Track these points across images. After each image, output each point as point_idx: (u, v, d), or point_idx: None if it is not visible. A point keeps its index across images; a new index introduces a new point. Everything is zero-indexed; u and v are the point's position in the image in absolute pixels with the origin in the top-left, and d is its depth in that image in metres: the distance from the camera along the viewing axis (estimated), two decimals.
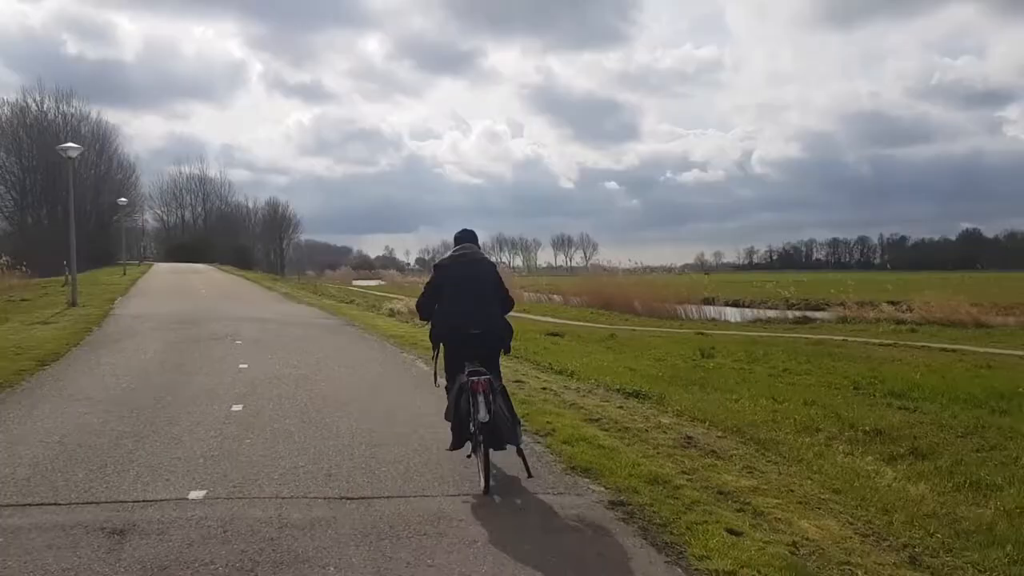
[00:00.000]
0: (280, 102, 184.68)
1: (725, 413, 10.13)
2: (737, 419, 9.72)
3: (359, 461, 6.72)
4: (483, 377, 5.99)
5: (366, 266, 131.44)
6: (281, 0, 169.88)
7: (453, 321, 6.43)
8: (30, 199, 77.87)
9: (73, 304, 22.49)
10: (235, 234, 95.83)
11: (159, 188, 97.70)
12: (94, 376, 10.79)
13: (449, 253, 6.84)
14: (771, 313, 33.77)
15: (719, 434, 8.83)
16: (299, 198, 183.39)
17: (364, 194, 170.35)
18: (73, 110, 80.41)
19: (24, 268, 38.51)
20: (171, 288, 33.09)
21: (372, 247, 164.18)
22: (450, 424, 6.29)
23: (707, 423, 9.32)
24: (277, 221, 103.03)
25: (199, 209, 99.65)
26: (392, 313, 21.90)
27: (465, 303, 6.40)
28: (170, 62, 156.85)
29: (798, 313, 31.65)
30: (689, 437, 8.40)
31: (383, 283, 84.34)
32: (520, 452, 6.11)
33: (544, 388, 10.73)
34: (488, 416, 5.81)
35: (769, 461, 7.85)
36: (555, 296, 46.16)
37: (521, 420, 6.87)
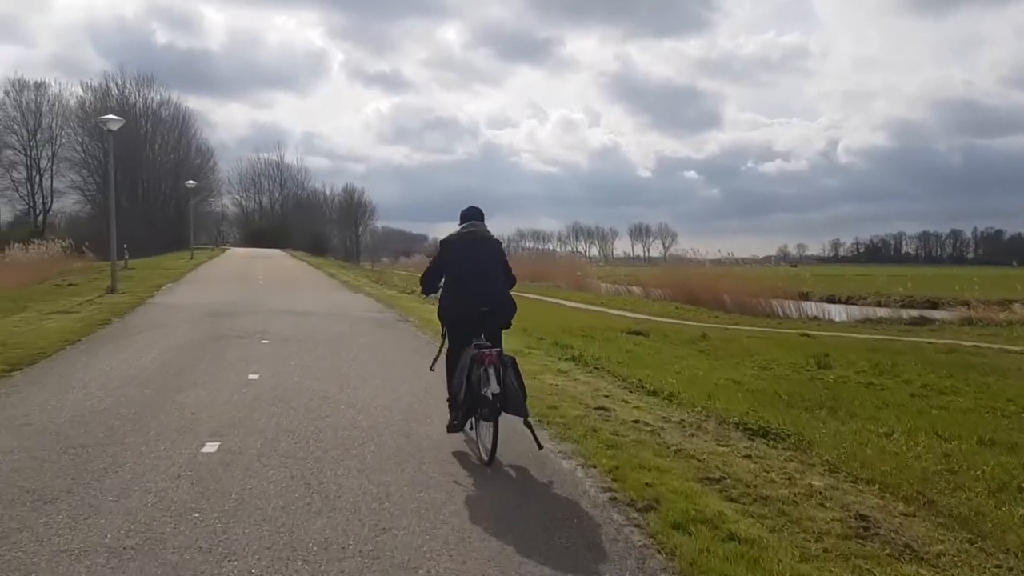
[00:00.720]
0: (360, 91, 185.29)
1: (883, 459, 7.21)
2: (905, 471, 6.80)
3: None
4: (494, 349, 6.02)
5: None
6: None
7: (464, 300, 6.39)
8: (107, 184, 78.35)
9: (111, 291, 20.65)
10: (311, 220, 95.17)
11: (238, 174, 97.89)
12: (60, 390, 8.42)
13: (456, 230, 6.73)
14: (881, 312, 30.11)
15: (902, 508, 5.91)
16: (377, 186, 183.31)
17: (441, 182, 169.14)
18: (154, 95, 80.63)
19: (85, 250, 37.43)
20: (229, 275, 31.30)
21: (445, 234, 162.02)
22: (448, 401, 6.50)
23: (876, 485, 6.40)
24: (353, 208, 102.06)
25: (276, 195, 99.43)
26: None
27: (474, 281, 6.38)
28: (254, 52, 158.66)
29: (914, 312, 27.91)
30: (862, 517, 5.51)
31: None
32: (528, 424, 6.05)
33: (636, 421, 7.92)
34: (500, 388, 5.84)
35: (1000, 567, 4.91)
36: (634, 288, 43.00)
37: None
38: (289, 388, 8.70)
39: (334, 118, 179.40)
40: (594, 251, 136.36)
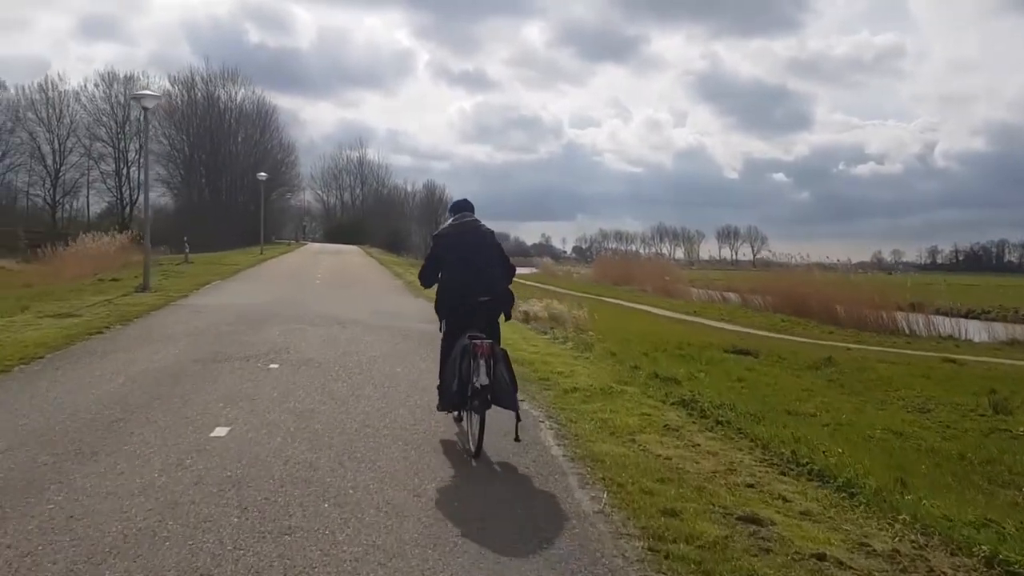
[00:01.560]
0: (444, 90, 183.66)
1: None
2: None
3: None
4: (486, 341, 5.92)
5: (521, 252, 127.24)
6: None
7: (459, 290, 6.34)
8: (195, 176, 78.09)
9: (143, 288, 18.18)
10: (391, 217, 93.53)
11: (321, 170, 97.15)
12: None
13: (448, 222, 6.76)
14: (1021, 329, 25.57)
15: None
16: (459, 184, 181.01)
17: (523, 181, 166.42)
18: (239, 89, 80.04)
19: (142, 241, 35.58)
20: (288, 271, 28.82)
21: (529, 234, 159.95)
22: (438, 386, 6.52)
23: None
24: (433, 205, 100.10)
25: (357, 191, 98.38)
26: (528, 318, 16.12)
27: (468, 272, 6.31)
28: (342, 51, 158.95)
29: None
30: None
31: (536, 271, 79.23)
32: (517, 417, 6.00)
33: (820, 556, 4.50)
34: (488, 380, 5.76)
35: None
36: (729, 294, 38.96)
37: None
38: (259, 460, 5.59)
39: (418, 116, 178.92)
40: (679, 253, 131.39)
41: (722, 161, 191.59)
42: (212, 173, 76.25)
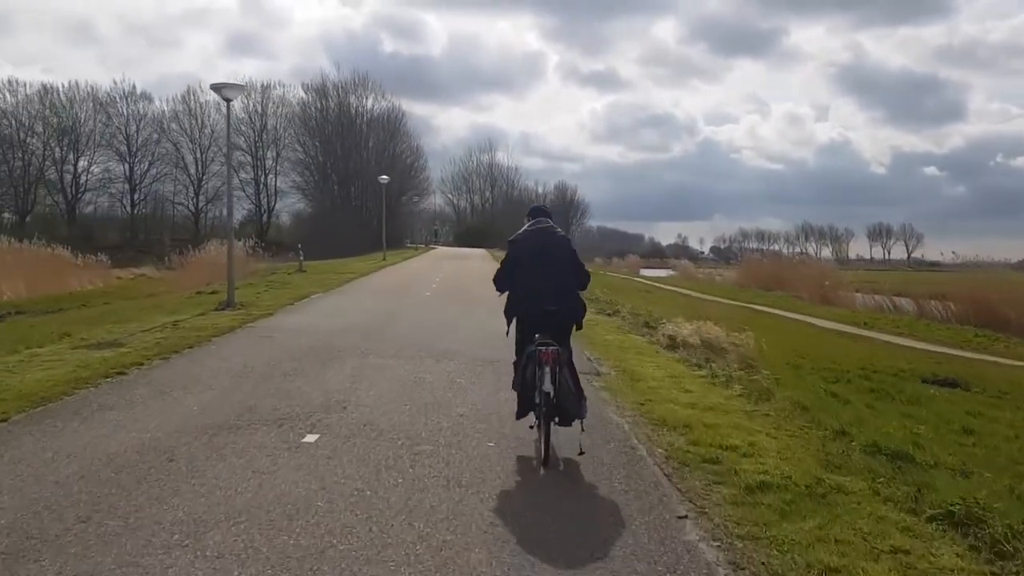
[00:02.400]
0: (574, 91, 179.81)
1: None
2: None
3: None
4: (551, 348, 5.82)
5: (657, 254, 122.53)
6: None
7: (529, 297, 6.23)
8: (328, 182, 78.26)
9: (226, 305, 15.83)
10: (521, 219, 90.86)
11: (451, 173, 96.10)
12: None
13: (523, 228, 6.58)
14: None
15: None
16: (591, 185, 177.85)
17: (657, 181, 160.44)
18: (369, 95, 79.71)
19: (260, 251, 34.21)
20: (399, 282, 26.16)
21: (665, 235, 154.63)
22: (516, 393, 6.25)
23: None
24: (565, 206, 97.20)
25: (487, 194, 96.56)
26: (674, 344, 12.58)
27: (540, 278, 6.20)
28: (473, 57, 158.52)
29: None
30: None
31: (674, 273, 74.63)
32: (582, 426, 5.95)
33: None
34: (552, 388, 5.69)
35: None
36: (899, 300, 33.68)
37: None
38: None
39: (549, 118, 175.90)
40: (825, 253, 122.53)
41: (868, 156, 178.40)
42: (343, 179, 76.13)
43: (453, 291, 22.00)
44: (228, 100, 15.66)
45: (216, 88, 15.52)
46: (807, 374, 12.33)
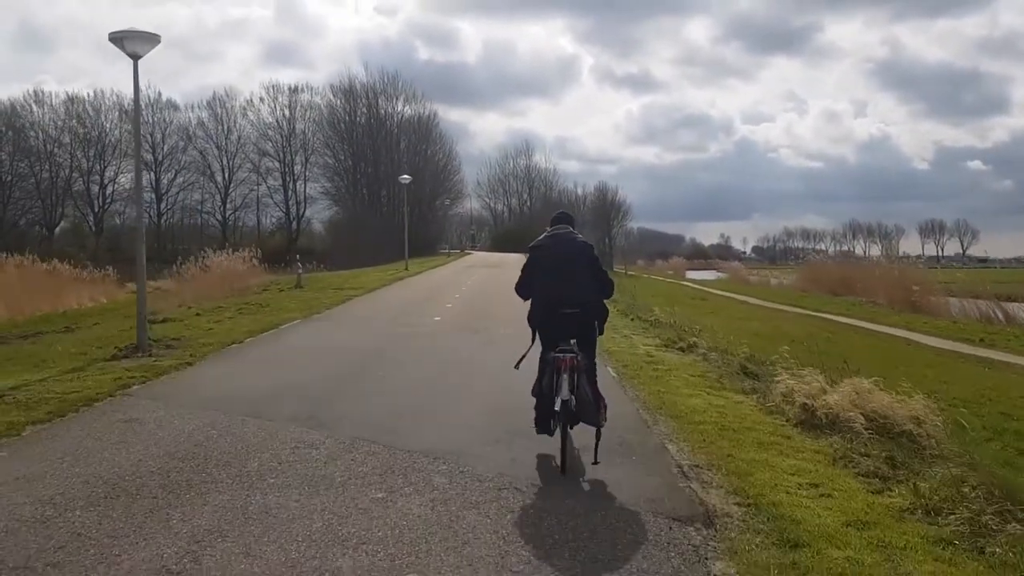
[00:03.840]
0: (609, 93, 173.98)
1: None
2: None
3: None
4: (569, 355, 5.69)
5: (700, 255, 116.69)
6: None
7: (549, 301, 6.11)
8: (358, 187, 73.81)
9: (135, 350, 10.86)
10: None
11: (487, 176, 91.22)
12: None
13: (544, 234, 6.47)
14: None
15: None
16: (628, 186, 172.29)
17: (694, 181, 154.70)
18: (400, 96, 75.07)
19: (259, 262, 29.40)
20: (411, 300, 21.04)
21: (705, 235, 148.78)
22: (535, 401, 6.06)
23: None
24: (606, 207, 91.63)
25: (524, 196, 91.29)
26: (813, 417, 7.28)
27: (559, 283, 6.08)
28: (507, 62, 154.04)
29: None
30: None
31: (722, 275, 68.63)
32: (598, 435, 5.76)
33: None
34: (570, 395, 5.59)
35: None
36: (1009, 306, 27.69)
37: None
38: None
39: (584, 121, 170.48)
40: (875, 251, 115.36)
41: (909, 151, 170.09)
42: (373, 184, 71.53)
43: (472, 315, 16.76)
44: (135, 58, 10.76)
45: (117, 40, 10.62)
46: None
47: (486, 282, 28.07)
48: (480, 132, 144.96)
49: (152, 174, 73.20)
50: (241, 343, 12.26)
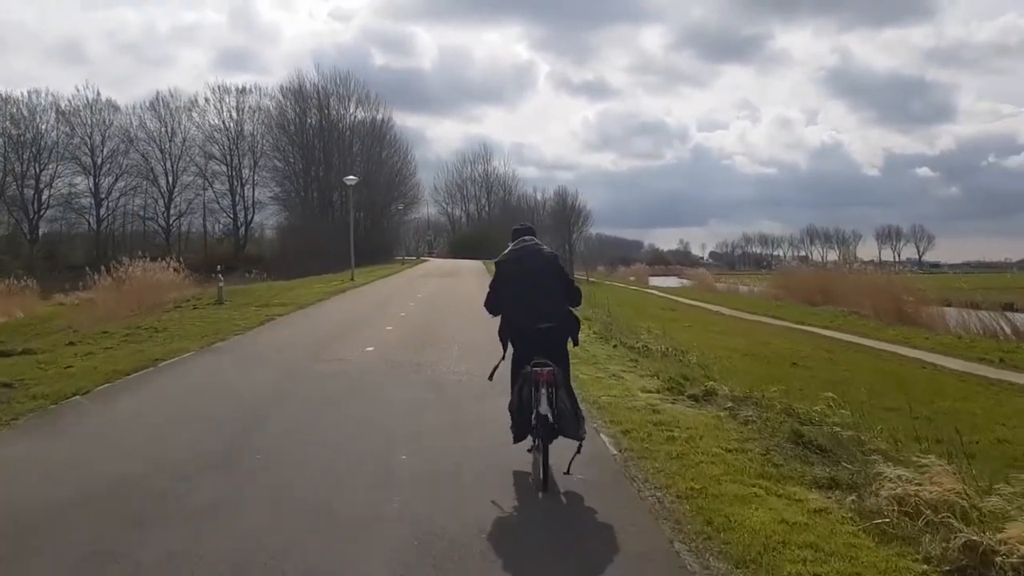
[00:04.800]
0: (566, 100, 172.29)
1: None
2: None
3: None
4: (546, 369, 5.52)
5: (660, 261, 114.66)
6: (563, 1, 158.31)
7: (521, 316, 5.94)
8: (309, 191, 69.70)
9: None
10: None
11: (444, 181, 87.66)
12: None
13: (509, 248, 6.26)
14: None
15: None
16: (586, 192, 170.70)
17: (651, 188, 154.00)
18: (352, 98, 71.11)
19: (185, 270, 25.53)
20: (341, 321, 17.17)
21: (663, 241, 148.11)
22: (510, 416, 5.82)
23: None
24: (566, 213, 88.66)
25: (483, 201, 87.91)
26: (907, 510, 4.24)
27: (530, 297, 5.93)
28: (463, 69, 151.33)
29: None
30: None
31: (687, 283, 65.90)
32: (579, 448, 5.63)
33: None
34: (549, 409, 5.44)
35: None
36: (1018, 316, 24.97)
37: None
38: None
39: (542, 128, 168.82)
40: (832, 256, 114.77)
41: (860, 158, 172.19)
42: (325, 188, 67.43)
43: (417, 342, 13.19)
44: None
45: None
46: None
47: (438, 296, 24.44)
48: (437, 139, 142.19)
49: (91, 178, 68.42)
50: (88, 392, 8.67)
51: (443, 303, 21.18)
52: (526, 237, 6.24)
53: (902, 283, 30.16)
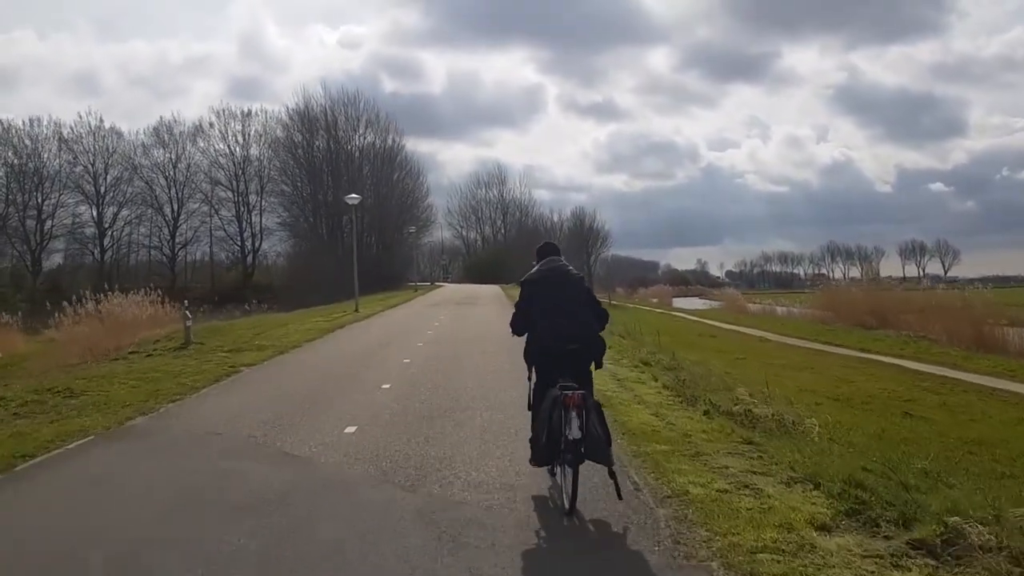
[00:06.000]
0: (575, 122, 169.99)
1: None
2: None
3: None
4: (577, 392, 5.31)
5: (680, 281, 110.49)
6: (567, 23, 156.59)
7: (548, 338, 5.74)
8: (317, 216, 66.16)
9: None
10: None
11: (458, 204, 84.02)
12: None
13: (535, 268, 6.14)
14: None
15: None
16: (599, 213, 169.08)
17: (663, 207, 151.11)
18: (362, 119, 67.66)
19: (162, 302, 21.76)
20: (346, 365, 13.36)
21: (679, 261, 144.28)
22: (531, 439, 5.73)
23: None
24: (584, 233, 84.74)
25: (498, 224, 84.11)
26: None
27: (559, 319, 5.74)
28: (473, 93, 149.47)
29: None
30: None
31: (714, 304, 61.35)
32: (612, 473, 5.32)
33: None
34: (580, 433, 5.20)
35: None
36: None
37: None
38: None
39: (552, 150, 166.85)
40: (854, 273, 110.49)
41: (872, 174, 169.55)
42: (334, 213, 63.74)
43: (420, 415, 9.00)
44: None
45: None
46: None
47: (454, 332, 20.23)
48: (448, 162, 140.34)
49: (95, 207, 65.20)
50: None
51: (460, 343, 17.03)
52: (553, 257, 6.13)
53: (981, 301, 25.91)
